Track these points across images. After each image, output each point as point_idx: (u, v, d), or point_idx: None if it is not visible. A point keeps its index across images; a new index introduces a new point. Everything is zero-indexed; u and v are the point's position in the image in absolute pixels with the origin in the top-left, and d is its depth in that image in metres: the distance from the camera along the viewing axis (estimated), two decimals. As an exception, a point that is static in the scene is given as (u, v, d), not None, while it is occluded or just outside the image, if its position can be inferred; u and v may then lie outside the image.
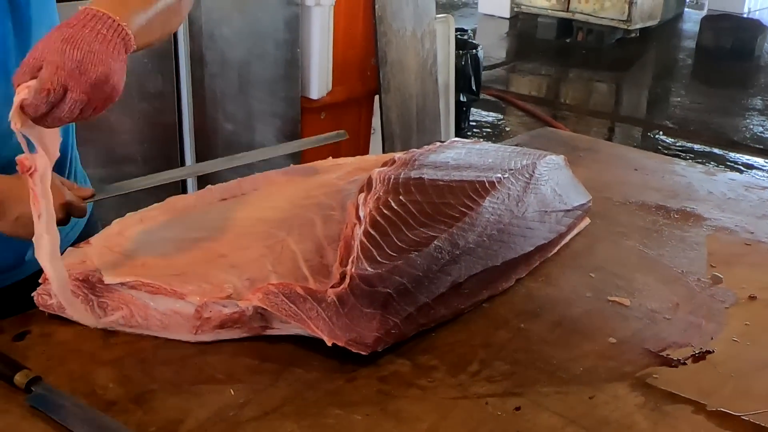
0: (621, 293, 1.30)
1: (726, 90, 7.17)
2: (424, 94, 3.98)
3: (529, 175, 1.42)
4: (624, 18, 8.17)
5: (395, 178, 1.30)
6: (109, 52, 0.96)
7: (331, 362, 1.07)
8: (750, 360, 1.14)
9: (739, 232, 1.56)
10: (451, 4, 9.95)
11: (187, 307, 1.08)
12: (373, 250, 1.12)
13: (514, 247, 1.28)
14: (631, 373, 1.10)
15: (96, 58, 0.94)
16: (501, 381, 1.06)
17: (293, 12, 3.18)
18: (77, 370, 1.04)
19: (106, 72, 0.95)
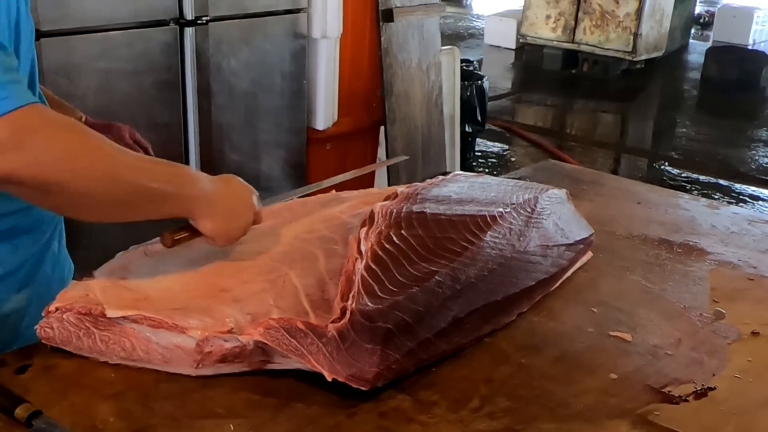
0: (623, 328, 1.30)
1: (731, 121, 7.18)
2: (430, 125, 4.00)
3: (531, 210, 1.43)
4: (629, 49, 8.23)
5: (397, 212, 1.30)
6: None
7: (332, 397, 1.07)
8: (753, 397, 1.14)
9: (743, 267, 1.56)
10: (458, 35, 10.04)
11: (188, 342, 1.08)
12: (374, 285, 1.12)
13: (515, 282, 1.29)
14: (633, 410, 1.09)
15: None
16: (502, 417, 1.06)
17: (300, 44, 3.22)
18: (78, 403, 1.04)
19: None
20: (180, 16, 2.77)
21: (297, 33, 3.20)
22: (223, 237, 1.22)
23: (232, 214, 1.22)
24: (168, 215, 1.16)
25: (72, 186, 1.03)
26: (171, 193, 1.14)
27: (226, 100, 3.01)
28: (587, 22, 8.36)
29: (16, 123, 0.98)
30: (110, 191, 1.07)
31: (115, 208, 1.12)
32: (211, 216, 1.19)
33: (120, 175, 1.07)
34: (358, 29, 3.50)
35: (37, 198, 1.07)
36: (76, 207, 1.09)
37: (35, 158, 0.99)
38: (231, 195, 1.23)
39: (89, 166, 1.04)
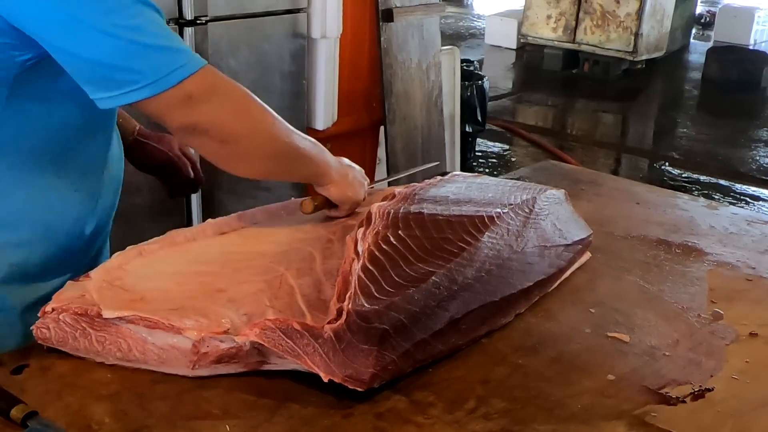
0: (621, 329, 1.30)
1: (732, 121, 7.17)
2: (430, 125, 4.00)
3: (529, 210, 1.43)
4: (630, 49, 8.22)
5: (395, 212, 1.30)
6: None
7: (328, 398, 1.07)
8: (750, 398, 1.13)
9: (741, 268, 1.55)
10: (458, 35, 10.03)
11: (184, 342, 1.08)
12: (371, 285, 1.12)
13: (513, 283, 1.28)
14: (629, 411, 1.09)
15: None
16: (498, 418, 1.06)
17: (299, 44, 3.21)
18: (74, 404, 1.04)
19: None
20: (179, 16, 2.77)
21: (296, 33, 3.19)
22: (348, 202, 1.41)
23: (354, 182, 1.41)
24: (304, 178, 1.40)
25: (244, 136, 1.20)
26: (314, 157, 1.33)
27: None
28: (588, 22, 8.35)
29: (206, 79, 1.15)
30: (272, 145, 1.25)
31: (271, 162, 1.28)
32: (338, 183, 1.38)
33: (280, 132, 1.25)
34: (357, 29, 3.50)
35: (213, 148, 1.20)
36: (243, 158, 1.23)
37: (220, 109, 1.17)
38: (348, 168, 1.43)
39: (259, 119, 1.22)
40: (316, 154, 1.33)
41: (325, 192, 1.38)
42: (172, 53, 1.12)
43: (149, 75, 1.09)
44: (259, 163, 1.26)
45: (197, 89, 1.13)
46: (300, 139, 1.30)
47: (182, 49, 1.14)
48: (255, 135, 1.22)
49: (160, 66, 1.10)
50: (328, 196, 1.39)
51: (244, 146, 1.21)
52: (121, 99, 1.10)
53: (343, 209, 1.42)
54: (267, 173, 1.33)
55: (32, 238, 1.24)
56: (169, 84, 1.10)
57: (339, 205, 1.41)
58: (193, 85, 1.13)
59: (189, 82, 1.12)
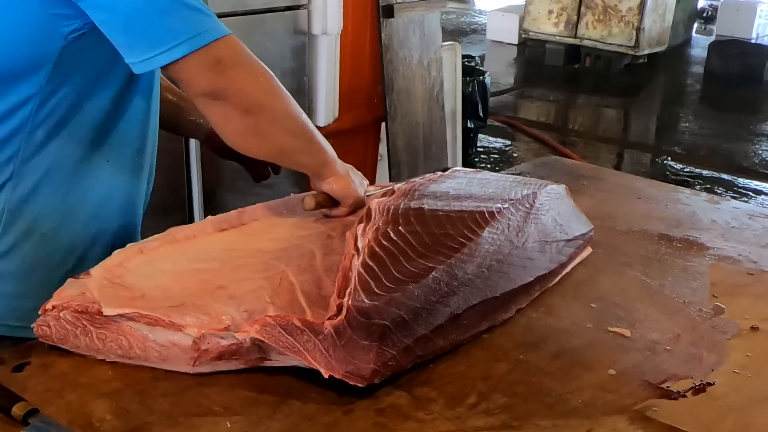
0: (622, 324, 1.30)
1: (734, 115, 7.16)
2: (431, 122, 4.00)
3: (530, 205, 1.43)
4: (632, 44, 8.20)
5: (395, 208, 1.30)
6: None
7: (329, 394, 1.07)
8: (751, 393, 1.13)
9: (743, 262, 1.55)
10: (460, 30, 10.02)
11: (185, 339, 1.08)
12: (371, 281, 1.12)
13: (513, 278, 1.28)
14: (631, 406, 1.09)
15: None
16: (499, 414, 1.06)
17: (300, 41, 3.21)
18: (75, 401, 1.04)
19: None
20: (180, 13, 2.77)
21: (297, 30, 3.19)
22: (351, 198, 1.38)
23: (356, 178, 1.40)
24: (312, 165, 1.35)
25: (267, 108, 1.21)
26: (324, 145, 1.32)
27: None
28: (590, 17, 8.33)
29: (234, 46, 1.17)
30: (291, 122, 1.26)
31: (290, 140, 1.27)
32: (342, 177, 1.36)
33: (298, 110, 1.27)
34: (358, 25, 3.50)
35: (234, 118, 1.20)
36: (262, 132, 1.23)
37: (247, 77, 1.18)
38: (349, 167, 1.40)
39: (281, 94, 1.24)
40: (326, 145, 1.34)
41: (327, 186, 1.37)
42: (202, 15, 1.14)
43: (182, 33, 1.11)
44: (277, 139, 1.26)
45: (227, 54, 1.15)
46: (314, 127, 1.31)
47: (210, 13, 1.16)
48: (277, 108, 1.23)
49: (193, 25, 1.12)
50: (330, 191, 1.37)
51: (266, 118, 1.22)
52: (155, 61, 1.12)
53: (345, 206, 1.40)
54: (281, 152, 1.30)
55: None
56: (201, 43, 1.12)
57: (342, 201, 1.39)
58: (223, 49, 1.15)
59: (219, 45, 1.14)
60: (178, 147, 2.88)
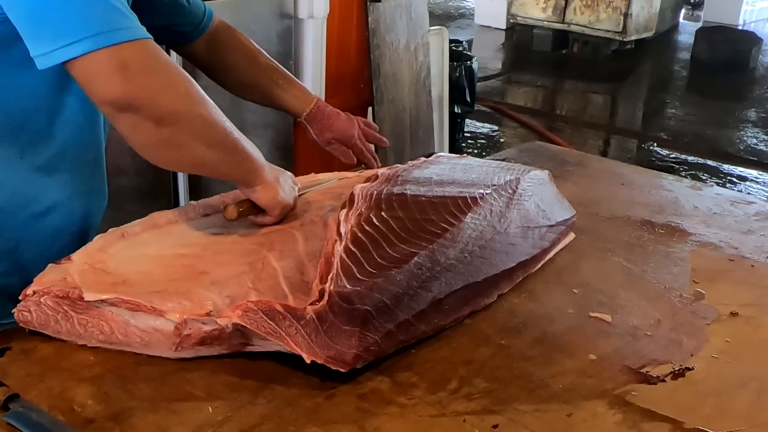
0: (603, 309, 1.31)
1: (720, 102, 7.19)
2: (418, 107, 3.99)
3: (513, 191, 1.43)
4: (619, 30, 8.21)
5: (378, 194, 1.30)
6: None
7: (311, 379, 1.07)
8: (729, 377, 1.15)
9: (724, 248, 1.56)
10: (448, 15, 9.99)
11: (167, 325, 1.08)
12: (353, 267, 1.12)
13: (496, 264, 1.29)
14: (610, 391, 1.10)
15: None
16: (480, 399, 1.06)
17: (286, 24, 3.19)
18: (56, 386, 1.04)
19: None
20: (164, -4, 2.75)
21: (283, 13, 3.17)
22: (278, 207, 1.30)
23: (285, 186, 1.32)
24: (237, 175, 1.26)
25: (183, 118, 1.10)
26: (251, 153, 1.23)
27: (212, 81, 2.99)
28: (577, 2, 8.33)
29: (146, 51, 1.07)
30: (211, 132, 1.15)
31: (209, 152, 1.16)
32: (269, 185, 1.28)
33: (220, 119, 1.16)
34: (345, 9, 3.48)
35: (146, 130, 1.09)
36: (179, 144, 1.12)
37: (158, 85, 1.07)
38: (279, 171, 1.33)
39: (199, 102, 1.13)
40: (252, 150, 1.24)
41: (254, 195, 1.28)
42: (118, 13, 1.05)
43: (88, 28, 1.01)
44: (196, 151, 1.15)
45: (136, 58, 1.04)
46: (238, 133, 1.21)
47: (128, 14, 1.06)
48: (194, 118, 1.12)
49: (104, 21, 1.02)
50: (256, 200, 1.28)
51: (183, 129, 1.11)
52: (56, 55, 1.02)
53: (272, 215, 1.31)
54: (201, 164, 1.20)
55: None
56: (109, 42, 1.02)
57: (268, 210, 1.30)
58: (132, 52, 1.04)
59: (128, 47, 1.03)
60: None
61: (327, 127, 1.65)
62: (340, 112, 1.68)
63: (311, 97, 1.64)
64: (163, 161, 1.17)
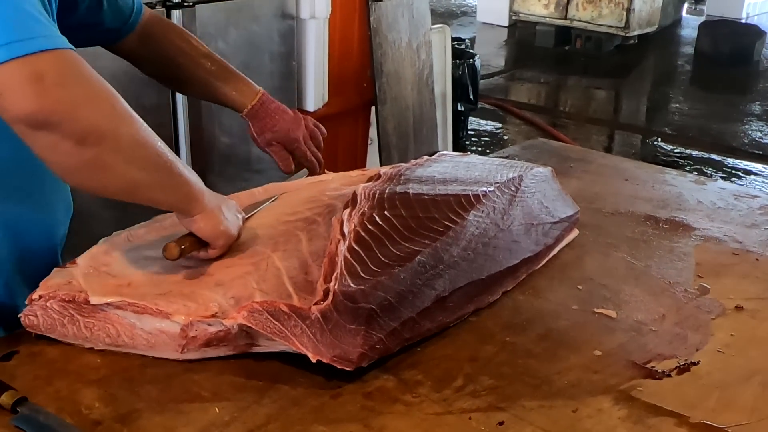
0: (608, 305, 1.31)
1: (725, 96, 7.17)
2: (421, 105, 3.99)
3: (516, 188, 1.43)
4: (622, 25, 8.18)
5: (380, 193, 1.30)
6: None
7: (317, 379, 1.08)
8: (735, 372, 1.15)
9: (728, 242, 1.56)
10: (450, 13, 9.98)
11: (172, 327, 1.09)
12: (357, 265, 1.13)
13: (499, 261, 1.29)
14: (616, 386, 1.10)
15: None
16: (485, 396, 1.07)
17: (288, 25, 3.19)
18: (64, 389, 1.05)
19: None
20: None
21: (285, 13, 3.17)
22: (220, 238, 1.19)
23: (228, 215, 1.21)
24: (173, 202, 1.15)
25: (108, 137, 0.99)
26: (188, 178, 1.13)
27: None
28: (580, -2, 8.32)
29: (66, 62, 0.96)
30: (141, 152, 1.05)
31: (140, 174, 1.05)
32: (209, 214, 1.17)
33: (151, 139, 1.06)
34: (347, 9, 3.48)
35: (65, 151, 0.97)
36: (104, 166, 1.01)
37: (79, 99, 0.96)
38: (222, 199, 1.22)
39: (127, 119, 1.02)
40: (190, 174, 1.14)
41: (193, 225, 1.16)
42: (29, 19, 0.95)
43: (1, 35, 0.92)
44: (126, 175, 1.04)
45: (53, 69, 0.94)
46: (173, 155, 1.10)
47: (45, 21, 0.97)
48: (121, 137, 1.01)
49: (18, 28, 0.93)
50: (197, 231, 1.17)
51: (108, 149, 0.99)
52: None
53: (215, 246, 1.19)
54: (132, 189, 1.07)
55: None
56: (23, 51, 0.91)
57: (210, 242, 1.18)
58: (49, 63, 0.93)
59: (44, 57, 0.93)
60: (167, 132, 2.87)
61: (269, 126, 1.53)
62: (287, 110, 1.57)
63: (255, 92, 1.54)
64: (87, 186, 1.06)
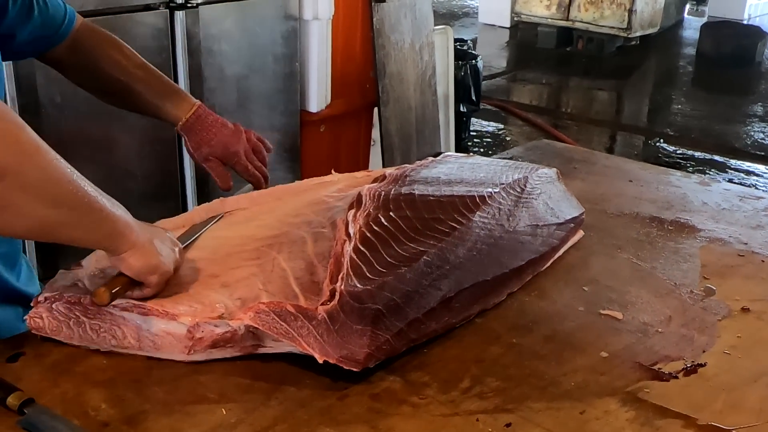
0: (614, 306, 1.31)
1: (727, 97, 7.17)
2: (424, 106, 3.99)
3: (521, 189, 1.43)
4: (624, 26, 8.18)
5: (385, 194, 1.30)
6: None
7: (323, 380, 1.08)
8: (742, 373, 1.14)
9: (733, 243, 1.56)
10: (452, 14, 9.98)
11: (179, 328, 1.08)
12: (363, 266, 1.12)
13: (505, 262, 1.29)
14: (623, 388, 1.10)
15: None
16: (492, 397, 1.07)
17: (291, 26, 3.20)
18: (70, 391, 1.04)
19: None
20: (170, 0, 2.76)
21: (288, 15, 3.18)
22: (154, 273, 1.09)
23: (162, 249, 1.11)
24: (96, 240, 1.05)
25: (12, 171, 0.90)
26: (111, 214, 1.03)
27: (218, 83, 3.00)
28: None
29: None
30: (53, 188, 0.96)
31: (52, 212, 0.97)
32: (140, 249, 1.07)
33: (64, 173, 0.97)
34: (349, 10, 3.48)
35: None
36: (10, 204, 0.92)
37: None
38: (156, 231, 1.14)
39: (34, 152, 0.93)
40: (114, 210, 1.04)
41: (123, 264, 1.07)
42: None
43: None
44: (34, 213, 0.94)
45: None
46: (93, 189, 1.01)
47: None
48: (28, 172, 0.92)
49: None
50: (126, 270, 1.07)
51: (13, 186, 0.90)
52: None
53: (149, 284, 1.10)
54: (44, 228, 0.98)
55: None
56: None
57: (143, 280, 1.09)
58: None
59: None
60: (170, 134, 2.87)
61: (205, 140, 1.46)
62: (226, 124, 1.49)
63: (191, 104, 1.47)
64: (8, 231, 0.98)
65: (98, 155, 2.67)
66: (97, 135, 2.66)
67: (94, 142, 2.66)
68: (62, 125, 2.55)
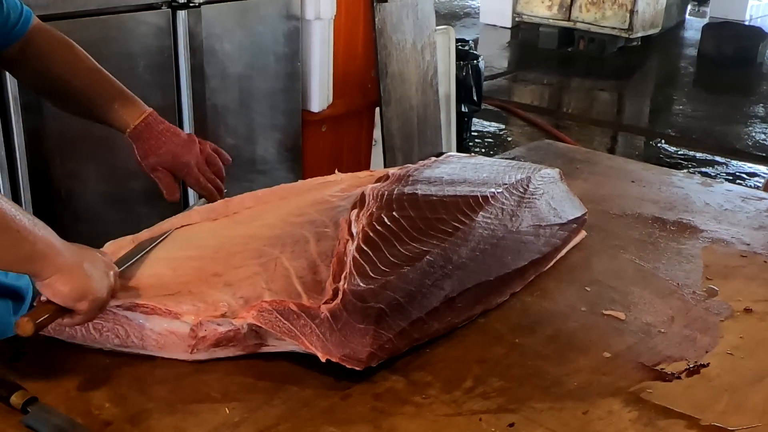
0: (616, 307, 1.31)
1: (728, 97, 7.16)
2: (425, 106, 3.99)
3: (524, 190, 1.43)
4: (625, 26, 8.18)
5: (389, 193, 1.30)
6: None
7: (326, 379, 1.08)
8: (744, 374, 1.14)
9: (736, 244, 1.56)
10: (453, 14, 9.98)
11: (182, 327, 1.09)
12: (366, 265, 1.13)
13: (507, 262, 1.29)
14: (625, 388, 1.10)
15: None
16: (495, 397, 1.07)
17: (293, 26, 3.19)
18: (73, 389, 1.05)
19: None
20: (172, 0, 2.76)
21: (290, 14, 3.17)
22: (82, 298, 1.01)
23: (93, 272, 1.03)
24: (14, 263, 0.99)
25: None
26: (30, 235, 0.96)
27: (220, 83, 3.00)
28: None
29: None
30: None
31: None
32: (67, 273, 0.99)
33: None
34: (351, 10, 3.48)
35: None
36: None
37: None
38: (87, 253, 1.06)
39: None
40: (35, 231, 0.96)
41: (48, 290, 0.99)
42: None
43: None
44: None
45: None
46: (11, 208, 0.94)
47: None
48: None
49: None
50: (51, 297, 1.00)
51: None
52: None
53: (79, 311, 1.02)
54: None
55: None
56: None
57: (71, 306, 1.01)
58: None
59: None
60: (171, 134, 2.87)
61: (153, 149, 1.41)
62: (178, 133, 1.43)
63: (141, 111, 1.41)
64: None
65: (99, 154, 2.67)
66: (99, 134, 2.65)
67: (96, 141, 2.65)
68: (64, 124, 2.55)
